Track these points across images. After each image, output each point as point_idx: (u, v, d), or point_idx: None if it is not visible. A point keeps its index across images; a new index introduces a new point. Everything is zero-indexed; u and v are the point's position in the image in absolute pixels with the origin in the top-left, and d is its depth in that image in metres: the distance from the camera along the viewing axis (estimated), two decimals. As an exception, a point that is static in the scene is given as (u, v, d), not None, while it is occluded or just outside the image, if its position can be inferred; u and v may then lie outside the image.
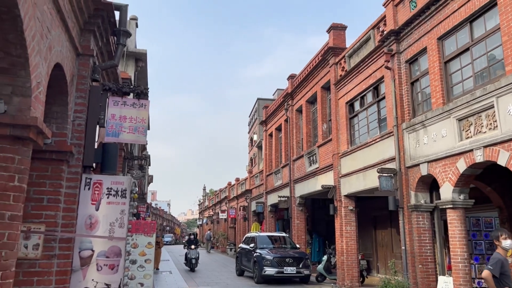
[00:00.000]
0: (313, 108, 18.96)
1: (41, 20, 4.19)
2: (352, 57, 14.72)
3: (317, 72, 17.67)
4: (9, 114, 3.96)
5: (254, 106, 45.28)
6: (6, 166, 3.94)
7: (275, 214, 24.41)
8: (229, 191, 39.73)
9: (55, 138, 5.47)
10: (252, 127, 46.34)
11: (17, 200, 4.01)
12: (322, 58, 16.80)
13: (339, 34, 16.25)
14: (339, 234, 14.77)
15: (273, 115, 24.24)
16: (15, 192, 3.99)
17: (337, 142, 15.33)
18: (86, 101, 5.94)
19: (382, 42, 12.42)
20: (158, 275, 16.76)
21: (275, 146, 24.04)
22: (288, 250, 16.30)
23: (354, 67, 14.28)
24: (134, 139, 6.51)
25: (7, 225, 3.89)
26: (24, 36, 3.73)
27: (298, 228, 19.36)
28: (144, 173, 14.90)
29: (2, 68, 3.91)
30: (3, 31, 3.66)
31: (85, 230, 5.75)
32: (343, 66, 15.38)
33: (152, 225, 11.56)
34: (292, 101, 20.69)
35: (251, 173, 31.46)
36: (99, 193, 5.93)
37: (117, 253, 5.81)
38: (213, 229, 48.31)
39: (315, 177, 17.39)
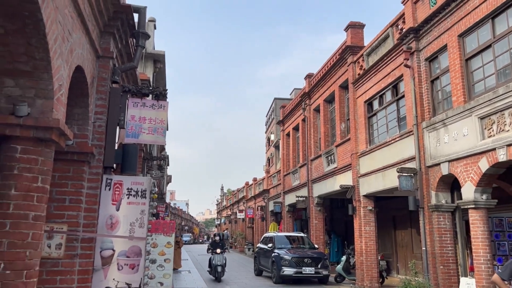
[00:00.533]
0: (331, 107, 18.84)
1: (62, 24, 4.26)
2: (371, 55, 14.58)
3: (334, 71, 17.56)
4: (32, 117, 4.04)
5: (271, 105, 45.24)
6: (29, 168, 4.02)
7: (293, 214, 24.36)
8: (247, 191, 39.79)
9: (77, 139, 5.55)
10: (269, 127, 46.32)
11: (41, 201, 4.09)
12: (339, 57, 16.69)
13: (357, 33, 16.11)
14: (358, 234, 14.65)
15: (290, 115, 24.18)
16: (39, 193, 4.07)
17: (356, 141, 15.20)
18: (106, 102, 6.01)
19: (401, 40, 12.26)
20: (177, 275, 16.89)
21: (293, 145, 23.98)
22: (307, 250, 16.24)
23: (373, 65, 14.14)
24: (153, 140, 6.57)
25: (31, 225, 3.97)
26: (46, 40, 3.79)
27: (316, 228, 19.27)
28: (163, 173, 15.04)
29: (25, 72, 3.99)
30: (26, 35, 3.73)
31: (106, 230, 5.83)
32: (361, 64, 15.24)
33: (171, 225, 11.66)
34: (310, 101, 20.61)
35: (268, 173, 31.43)
36: (119, 193, 6.00)
37: (137, 252, 5.87)
38: (231, 228, 48.48)
39: (333, 177, 17.28)
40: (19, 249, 3.85)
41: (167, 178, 41.48)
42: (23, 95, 4.05)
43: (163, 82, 17.42)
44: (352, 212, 14.98)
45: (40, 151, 4.11)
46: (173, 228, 11.93)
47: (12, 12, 3.55)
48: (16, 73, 3.99)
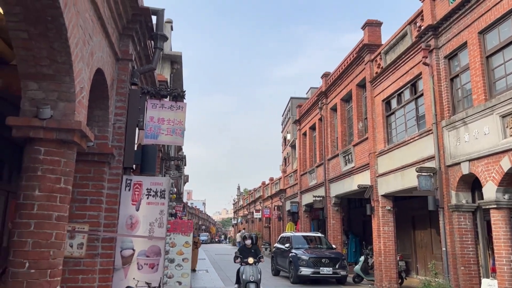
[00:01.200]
0: (348, 106, 18.72)
1: (83, 28, 4.34)
2: (388, 53, 14.44)
3: (352, 69, 17.44)
4: (55, 119, 4.13)
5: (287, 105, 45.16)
6: (53, 169, 4.11)
7: (310, 214, 24.27)
8: (263, 190, 39.80)
9: (97, 140, 5.65)
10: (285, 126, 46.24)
11: (63, 201, 4.18)
12: (357, 55, 16.57)
13: (374, 31, 15.96)
14: (377, 235, 14.53)
15: (306, 114, 24.11)
16: (62, 193, 4.16)
17: (374, 140, 15.07)
18: (125, 104, 6.10)
19: (420, 37, 12.10)
20: (194, 274, 17.01)
21: (309, 145, 23.89)
22: (324, 251, 16.17)
23: (390, 64, 14.00)
24: (172, 140, 6.64)
25: (54, 225, 4.06)
26: (68, 44, 3.87)
27: (333, 228, 19.17)
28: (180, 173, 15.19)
29: (48, 75, 4.08)
30: (49, 39, 3.82)
31: (126, 230, 5.91)
32: (379, 63, 15.11)
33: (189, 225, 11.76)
34: (326, 100, 20.50)
35: (285, 173, 31.39)
36: (139, 193, 6.09)
37: (156, 252, 5.94)
38: (247, 228, 48.57)
39: (351, 177, 17.16)
40: (44, 249, 3.95)
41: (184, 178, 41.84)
42: (46, 98, 4.15)
43: (180, 83, 17.56)
44: (370, 212, 14.86)
45: (62, 152, 4.20)
46: (191, 228, 12.04)
47: (35, 17, 3.64)
48: (39, 77, 4.08)
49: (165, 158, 13.78)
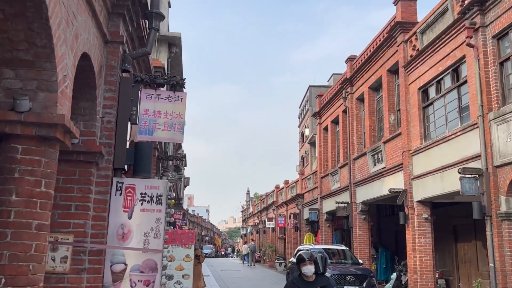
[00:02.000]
0: (377, 95, 18.63)
1: (66, 5, 4.37)
2: (426, 33, 14.34)
3: (382, 52, 17.36)
4: (34, 112, 4.17)
5: (306, 95, 45.03)
6: (32, 170, 4.16)
7: (332, 223, 24.21)
8: (277, 195, 39.80)
9: (83, 137, 5.70)
10: (303, 120, 46.14)
11: (45, 208, 4.22)
12: (388, 36, 16.48)
13: (408, 6, 15.85)
14: (411, 248, 14.46)
15: (328, 105, 24.04)
16: (42, 198, 4.20)
17: (408, 136, 14.99)
18: (116, 94, 6.14)
19: (463, 14, 11.98)
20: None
21: (331, 142, 23.84)
22: (349, 266, 16.14)
23: (428, 45, 13.91)
24: (170, 137, 6.66)
25: (34, 235, 4.11)
26: (49, 24, 3.91)
27: (360, 240, 19.11)
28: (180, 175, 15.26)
29: (26, 61, 4.12)
30: (27, 19, 3.86)
31: (117, 241, 5.96)
32: (414, 44, 15.01)
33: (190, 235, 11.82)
34: (352, 88, 20.43)
35: (302, 175, 31.35)
36: (132, 199, 6.12)
37: (152, 267, 5.98)
38: (258, 239, 48.66)
39: (380, 179, 17.10)
40: (22, 262, 4.00)
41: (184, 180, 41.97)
42: (24, 88, 4.19)
43: (179, 69, 17.63)
44: (404, 221, 14.79)
45: (43, 151, 4.24)
46: (193, 239, 12.10)
47: (11, -6, 3.68)
48: (16, 63, 4.13)
49: (162, 158, 13.85)
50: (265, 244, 42.56)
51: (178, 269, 11.70)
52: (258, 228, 49.67)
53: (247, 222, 65.16)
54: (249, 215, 62.16)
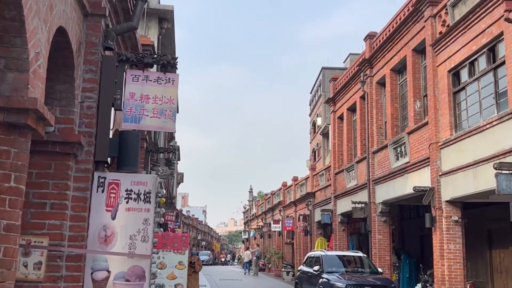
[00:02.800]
0: (401, 79, 18.55)
1: (39, -29, 4.35)
2: (457, 6, 14.23)
3: (406, 29, 17.26)
4: (2, 95, 4.16)
5: (318, 78, 44.96)
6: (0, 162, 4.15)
7: (348, 226, 24.21)
8: (284, 194, 39.85)
9: (59, 125, 5.69)
10: (314, 108, 46.11)
11: (14, 206, 4.23)
12: (413, 9, 16.38)
13: (437, -25, 15.72)
14: (439, 255, 14.46)
15: (344, 90, 23.98)
16: (12, 195, 4.20)
17: (436, 126, 14.94)
18: (97, 76, 6.13)
19: (501, -17, 11.87)
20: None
21: (347, 133, 23.79)
22: (367, 276, 16.17)
23: (460, 20, 13.81)
24: (160, 125, 6.65)
25: (2, 237, 4.12)
26: (19, -7, 3.88)
27: (380, 245, 19.11)
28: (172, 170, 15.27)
29: (-8, 36, 4.10)
30: (-7, -13, 3.83)
31: (98, 245, 5.97)
32: (444, 19, 14.92)
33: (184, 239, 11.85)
34: (371, 70, 20.35)
35: (314, 170, 31.35)
36: (116, 196, 6.13)
37: (139, 275, 5.99)
38: (263, 244, 48.81)
39: (404, 176, 17.07)
40: (-12, 269, 4.01)
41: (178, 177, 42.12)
42: (-10, 67, 4.18)
43: (172, 48, 17.62)
44: (431, 224, 14.78)
45: (12, 140, 4.24)
46: (187, 244, 12.14)
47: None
48: (-19, 38, 4.11)
49: (151, 150, 13.87)
50: (270, 250, 42.68)
51: (170, 277, 11.74)
52: (262, 231, 49.78)
53: (249, 224, 65.32)
54: (252, 217, 62.30)
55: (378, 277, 16.05)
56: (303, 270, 18.87)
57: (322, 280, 16.05)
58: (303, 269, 18.96)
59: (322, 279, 16.07)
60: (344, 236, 24.17)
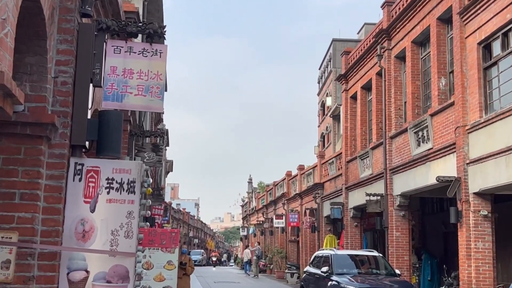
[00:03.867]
0: (423, 52, 18.49)
1: None
2: (489, -32, 14.13)
3: (430, -6, 17.17)
4: (-37, 68, 4.14)
5: (328, 52, 44.86)
6: (-39, 145, 4.15)
7: (361, 222, 24.29)
8: (289, 185, 39.90)
9: (30, 103, 5.67)
10: (324, 86, 46.06)
11: (-21, 196, 4.22)
12: (438, -28, 16.26)
13: None
14: (465, 255, 14.50)
15: (358, 66, 23.92)
16: (-24, 183, 4.20)
17: (463, 107, 14.92)
18: (73, 47, 6.09)
19: None
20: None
21: (361, 114, 23.77)
22: (383, 278, 16.24)
23: (493, -16, 13.71)
24: (145, 104, 6.63)
25: (-35, 231, 4.12)
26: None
27: (398, 244, 19.17)
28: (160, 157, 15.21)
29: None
30: None
31: (75, 242, 5.98)
32: (474, -17, 14.82)
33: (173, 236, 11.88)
34: (390, 43, 20.27)
35: (322, 158, 31.37)
36: (95, 186, 6.12)
37: (122, 276, 6.00)
38: (264, 243, 49.02)
39: (426, 164, 17.08)
40: (-51, 267, 4.02)
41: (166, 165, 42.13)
42: (-51, 36, 4.15)
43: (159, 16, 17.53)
44: (456, 219, 14.80)
45: (-24, 120, 4.22)
46: (177, 241, 12.17)
47: None
48: None
49: (136, 134, 13.83)
50: (272, 249, 42.85)
51: (158, 279, 11.79)
52: (263, 228, 49.93)
53: (248, 220, 65.53)
54: (252, 211, 62.48)
55: (395, 280, 16.10)
56: (309, 271, 18.93)
57: (332, 283, 16.10)
58: (309, 270, 19.02)
59: (332, 282, 16.12)
60: (357, 233, 24.24)
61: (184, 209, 78.37)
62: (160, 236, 11.98)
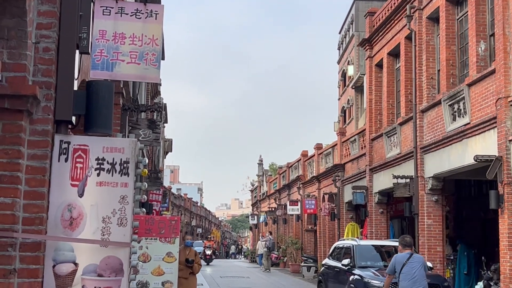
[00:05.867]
0: (460, 13, 18.35)
1: None
2: None
3: None
4: None
5: (349, 13, 44.52)
6: None
7: (388, 208, 24.31)
8: (305, 167, 39.92)
9: (8, 73, 5.66)
10: (344, 53, 45.82)
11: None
12: None
13: None
14: (507, 245, 14.51)
15: (384, 29, 23.79)
16: None
17: (506, 75, 14.81)
18: (56, 8, 6.05)
19: None
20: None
21: (388, 85, 23.68)
22: (412, 272, 16.27)
23: None
24: (140, 74, 6.63)
25: None
26: None
27: (430, 233, 19.18)
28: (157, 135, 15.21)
29: None
30: None
31: (62, 230, 6.00)
32: None
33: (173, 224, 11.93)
34: (421, 1, 20.11)
35: (343, 136, 31.31)
36: (83, 167, 6.12)
37: (116, 269, 6.02)
38: (277, 232, 49.20)
39: (462, 142, 17.02)
40: None
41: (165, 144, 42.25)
42: None
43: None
44: (497, 204, 14.77)
45: None
46: (177, 230, 12.21)
47: None
48: None
49: (129, 108, 13.85)
50: (286, 239, 42.99)
51: (156, 273, 11.86)
52: (275, 215, 50.09)
53: (259, 206, 65.78)
54: (263, 197, 62.65)
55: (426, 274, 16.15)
56: (328, 264, 19.01)
57: (354, 277, 16.17)
58: (328, 263, 19.09)
59: (354, 276, 16.19)
60: (383, 221, 24.29)
61: (185, 195, 78.66)
62: (158, 225, 12.02)
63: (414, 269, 12.24)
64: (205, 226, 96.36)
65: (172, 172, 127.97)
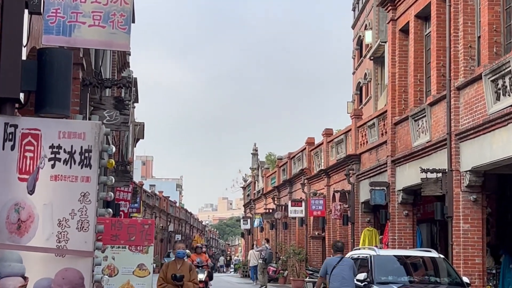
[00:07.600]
0: (505, -34, 18.33)
1: None
2: None
3: None
4: None
5: (367, -35, 44.49)
6: None
7: (414, 210, 24.37)
8: (310, 158, 39.93)
9: None
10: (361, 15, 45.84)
11: None
12: None
13: None
14: (563, 255, 14.58)
15: (410, -14, 23.75)
16: None
17: (562, 44, 14.84)
18: (0, -44, 6.06)
19: None
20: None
21: (416, 56, 23.67)
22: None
23: None
24: (104, 39, 6.61)
25: None
26: None
27: (466, 240, 19.25)
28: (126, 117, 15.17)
29: None
30: None
31: (7, 236, 6.01)
32: None
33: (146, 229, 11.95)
34: (456, -49, 20.10)
35: (359, 119, 31.32)
36: (34, 156, 6.12)
37: (75, 283, 6.04)
38: (275, 239, 49.29)
39: (508, 127, 17.02)
40: None
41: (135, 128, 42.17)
42: None
43: None
44: (550, 205, 14.84)
45: None
46: (151, 236, 12.24)
47: None
48: None
49: (91, 83, 13.83)
50: (287, 249, 43.10)
51: (125, 290, 11.90)
52: (273, 219, 50.15)
53: (253, 207, 65.83)
54: (257, 195, 62.75)
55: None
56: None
57: (372, 296, 16.28)
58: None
59: (372, 294, 16.30)
60: (408, 226, 24.31)
61: (160, 193, 78.76)
62: (127, 230, 12.04)
63: (344, 271, 15.53)
64: (185, 232, 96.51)
65: (144, 165, 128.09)
